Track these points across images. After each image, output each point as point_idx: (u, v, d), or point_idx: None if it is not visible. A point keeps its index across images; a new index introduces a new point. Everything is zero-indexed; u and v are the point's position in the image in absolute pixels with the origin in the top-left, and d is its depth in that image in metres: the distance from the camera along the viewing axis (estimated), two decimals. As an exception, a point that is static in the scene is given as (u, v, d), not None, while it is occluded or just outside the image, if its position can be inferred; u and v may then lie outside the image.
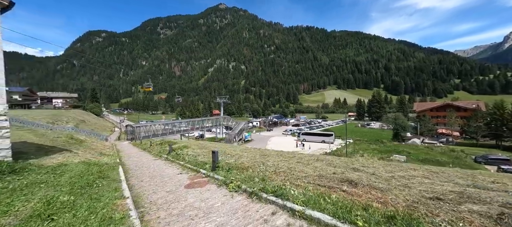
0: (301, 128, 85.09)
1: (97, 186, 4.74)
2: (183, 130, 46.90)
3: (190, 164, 7.58)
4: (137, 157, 11.69)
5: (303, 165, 6.89)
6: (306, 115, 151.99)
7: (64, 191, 4.04)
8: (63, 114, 59.16)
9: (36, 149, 9.61)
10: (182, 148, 11.53)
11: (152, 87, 54.07)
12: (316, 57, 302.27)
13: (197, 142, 17.08)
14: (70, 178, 5.12)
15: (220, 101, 70.98)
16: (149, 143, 17.17)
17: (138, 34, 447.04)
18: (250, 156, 8.70)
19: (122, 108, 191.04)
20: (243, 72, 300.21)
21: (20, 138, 14.10)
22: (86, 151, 11.43)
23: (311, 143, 52.78)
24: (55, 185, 4.45)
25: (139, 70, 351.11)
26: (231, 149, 11.93)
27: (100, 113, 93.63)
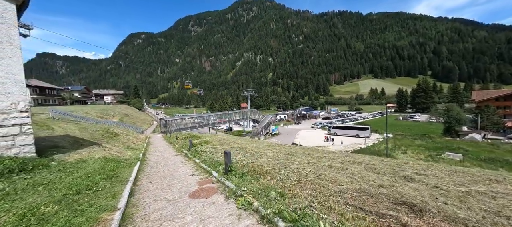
0: (331, 121, 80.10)
1: (97, 190, 4.30)
2: (211, 123, 48.12)
3: (204, 164, 6.89)
4: (160, 152, 11.69)
5: (335, 170, 5.54)
6: (338, 107, 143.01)
7: (56, 196, 3.64)
8: (111, 109, 66.35)
9: (71, 143, 10.19)
10: (202, 143, 11.09)
11: (191, 84, 58.76)
12: (350, 44, 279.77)
13: (221, 136, 16.71)
14: (76, 179, 4.84)
15: (247, 95, 70.97)
16: (175, 136, 17.45)
17: (172, 33, 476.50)
18: (272, 155, 7.62)
19: (160, 103, 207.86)
20: (271, 65, 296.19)
21: (65, 131, 15.56)
22: (115, 145, 11.90)
23: (344, 137, 49.01)
24: (53, 188, 4.14)
25: (174, 68, 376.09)
26: (253, 145, 11.02)
27: (141, 108, 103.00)
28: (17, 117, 5.93)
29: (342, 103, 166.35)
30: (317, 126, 71.88)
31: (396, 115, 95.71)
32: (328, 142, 44.75)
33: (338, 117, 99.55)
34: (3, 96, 5.73)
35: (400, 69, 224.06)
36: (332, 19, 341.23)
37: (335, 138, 47.87)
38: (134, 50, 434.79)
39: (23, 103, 6.07)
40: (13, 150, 5.89)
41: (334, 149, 39.70)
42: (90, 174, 5.35)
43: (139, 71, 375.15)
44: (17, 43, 5.92)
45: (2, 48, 5.69)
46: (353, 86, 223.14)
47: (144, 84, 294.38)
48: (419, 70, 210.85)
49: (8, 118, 5.80)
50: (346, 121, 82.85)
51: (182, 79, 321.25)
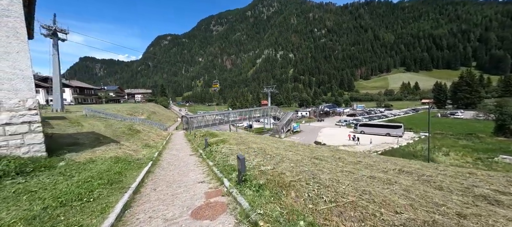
0: (358, 118, 74.94)
1: (88, 200, 3.65)
2: (232, 120, 48.00)
3: (217, 167, 6.02)
4: (177, 150, 11.25)
5: (381, 183, 4.20)
6: (364, 103, 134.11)
7: (33, 211, 3.04)
8: (140, 107, 70.34)
9: (91, 140, 10.22)
10: (219, 142, 10.33)
11: (218, 84, 60.63)
12: (378, 36, 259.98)
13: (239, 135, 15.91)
14: (72, 185, 4.31)
15: (267, 91, 69.72)
16: (194, 134, 17.15)
17: (195, 33, 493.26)
18: (295, 159, 6.46)
19: (184, 101, 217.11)
20: (291, 61, 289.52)
21: (92, 128, 16.16)
22: (133, 143, 11.80)
23: (372, 136, 45.21)
24: (38, 198, 3.59)
25: (197, 67, 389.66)
26: (273, 145, 9.92)
27: (167, 105, 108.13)
28: (25, 115, 5.71)
29: (369, 99, 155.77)
30: (342, 123, 67.82)
31: (433, 112, 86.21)
32: (354, 141, 41.49)
33: (364, 114, 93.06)
34: (11, 93, 5.51)
35: (438, 61, 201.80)
36: (358, 10, 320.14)
37: (361, 136, 44.31)
38: (161, 52, 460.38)
39: (31, 100, 5.82)
40: (22, 148, 5.68)
41: (362, 148, 36.66)
42: (91, 178, 4.81)
43: (166, 71, 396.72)
44: (24, 37, 5.65)
45: (9, 42, 5.45)
46: (382, 80, 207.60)
47: (170, 83, 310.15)
48: (461, 61, 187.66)
49: (17, 116, 5.58)
50: (374, 118, 76.91)
51: (204, 78, 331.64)
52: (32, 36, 9.49)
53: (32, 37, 9.55)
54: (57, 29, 29.20)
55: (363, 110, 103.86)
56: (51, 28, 28.76)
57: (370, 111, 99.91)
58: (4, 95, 5.43)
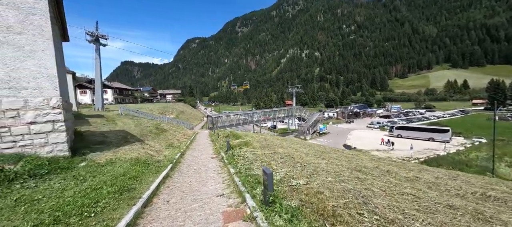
0: (393, 120, 68.16)
1: (89, 215, 3.13)
2: (256, 120, 47.47)
3: (239, 177, 5.20)
4: (199, 151, 10.84)
5: (471, 218, 2.87)
6: (400, 103, 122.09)
7: None
8: (170, 106, 74.33)
9: (119, 139, 10.39)
10: (242, 145, 9.58)
11: (248, 85, 61.57)
12: (417, 29, 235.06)
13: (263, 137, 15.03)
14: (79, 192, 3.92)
15: (292, 91, 67.66)
16: (217, 135, 16.82)
17: (221, 36, 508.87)
18: (332, 171, 5.31)
19: (210, 101, 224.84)
20: (317, 60, 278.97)
21: (124, 126, 16.91)
22: (158, 142, 11.79)
23: (413, 140, 40.45)
24: (36, 210, 3.20)
25: (222, 68, 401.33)
26: (301, 150, 8.79)
27: (195, 105, 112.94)
28: (49, 113, 5.68)
29: (406, 99, 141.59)
30: (374, 125, 62.43)
31: (487, 114, 74.09)
32: (387, 145, 37.43)
33: (401, 116, 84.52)
34: (36, 92, 5.50)
35: (493, 54, 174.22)
36: (393, 2, 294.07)
37: (397, 140, 39.86)
38: (190, 54, 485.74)
39: (56, 99, 5.76)
40: (46, 148, 5.66)
41: (400, 155, 32.87)
42: (103, 184, 4.41)
43: (194, 73, 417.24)
44: (49, 35, 5.61)
45: (34, 41, 5.44)
46: (421, 79, 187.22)
47: (197, 84, 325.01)
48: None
49: (41, 115, 5.56)
50: (413, 121, 69.30)
51: (229, 78, 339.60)
52: (67, 39, 9.98)
53: (68, 40, 10.04)
54: (99, 35, 31.93)
55: (399, 112, 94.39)
56: (94, 35, 31.55)
57: (407, 113, 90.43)
58: (30, 94, 5.44)
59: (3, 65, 5.09)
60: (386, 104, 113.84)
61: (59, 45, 7.99)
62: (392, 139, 40.06)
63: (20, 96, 5.32)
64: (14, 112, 5.25)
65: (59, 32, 8.62)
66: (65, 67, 9.67)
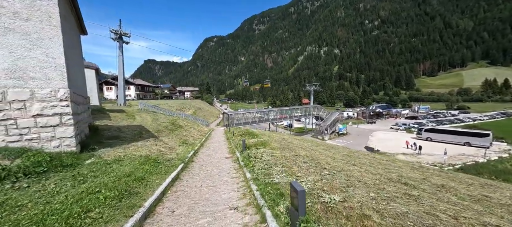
0: (421, 122, 62.96)
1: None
2: (272, 119, 46.50)
3: (256, 184, 4.40)
4: (213, 150, 10.26)
5: None
6: (428, 104, 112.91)
7: None
8: (188, 103, 75.98)
9: (133, 135, 10.17)
10: (258, 145, 8.78)
11: (269, 83, 61.59)
12: (449, 23, 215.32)
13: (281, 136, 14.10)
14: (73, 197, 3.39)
15: (309, 89, 65.42)
16: (232, 133, 16.22)
17: (238, 34, 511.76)
18: (371, 182, 4.28)
19: (226, 99, 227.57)
20: (337, 57, 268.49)
21: (142, 121, 17.01)
22: (172, 139, 11.44)
23: (443, 144, 36.89)
24: (14, 220, 2.62)
25: (239, 66, 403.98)
26: (325, 153, 7.74)
27: (211, 102, 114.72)
28: (56, 106, 5.34)
29: (435, 99, 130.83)
30: (399, 127, 58.20)
31: (536, 117, 65.67)
32: (414, 148, 34.33)
33: (429, 117, 77.94)
34: (43, 83, 5.18)
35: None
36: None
37: (425, 144, 36.51)
38: (208, 52, 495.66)
39: (63, 90, 5.41)
40: (53, 142, 5.35)
41: (430, 160, 29.94)
42: (104, 186, 3.88)
43: (211, 71, 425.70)
44: (57, 22, 5.25)
45: (42, 28, 5.10)
46: (454, 77, 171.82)
47: (214, 82, 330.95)
48: None
49: (48, 107, 5.24)
50: (444, 123, 63.58)
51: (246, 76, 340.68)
52: (85, 32, 9.91)
53: (86, 33, 9.97)
54: (122, 32, 33.01)
55: (428, 113, 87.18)
56: (117, 32, 32.68)
57: (437, 114, 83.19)
58: (36, 85, 5.14)
59: (10, 53, 4.82)
60: (413, 104, 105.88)
61: (73, 37, 7.80)
62: (419, 142, 36.78)
63: (26, 87, 5.04)
64: (20, 104, 4.98)
65: (76, 24, 8.48)
66: (82, 60, 9.59)
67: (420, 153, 33.20)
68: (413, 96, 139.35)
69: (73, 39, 7.61)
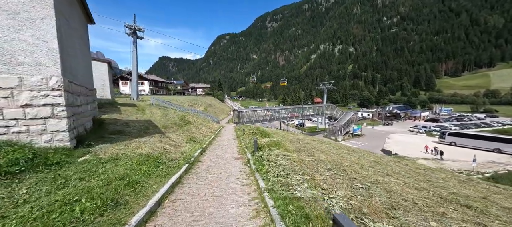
0: (443, 125, 58.96)
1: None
2: (283, 117, 45.33)
3: (273, 198, 3.50)
4: (222, 148, 9.50)
5: None
6: (451, 106, 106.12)
7: None
8: (199, 100, 76.30)
9: (138, 130, 9.65)
10: (272, 145, 7.87)
11: (286, 82, 60.89)
12: (477, 20, 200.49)
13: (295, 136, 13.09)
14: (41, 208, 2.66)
15: (323, 88, 63.19)
16: (243, 131, 15.43)
17: (250, 31, 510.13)
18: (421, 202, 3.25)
19: (238, 96, 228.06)
20: (351, 55, 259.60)
21: (151, 116, 16.70)
22: (179, 135, 10.83)
23: (471, 150, 34.05)
24: None
25: (251, 63, 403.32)
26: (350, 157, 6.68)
27: (223, 99, 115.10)
28: (48, 95, 4.76)
29: (459, 101, 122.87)
30: (419, 129, 54.88)
31: None
32: (434, 153, 31.79)
33: (453, 120, 73.00)
34: (33, 69, 4.60)
35: None
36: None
37: (448, 149, 33.86)
38: (220, 50, 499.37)
39: (56, 78, 4.82)
40: (43, 136, 4.78)
41: (455, 166, 27.55)
42: (86, 192, 3.17)
43: (223, 68, 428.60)
44: (49, 1, 4.63)
45: (32, 6, 4.50)
46: (480, 78, 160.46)
47: (226, 79, 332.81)
48: None
49: (38, 96, 4.67)
50: (470, 127, 59.12)
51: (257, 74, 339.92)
52: (92, 21, 9.47)
53: (93, 22, 9.54)
54: (136, 27, 33.21)
55: (450, 115, 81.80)
56: (131, 27, 32.90)
57: (461, 117, 77.83)
58: (26, 71, 4.57)
59: (-4, 35, 4.27)
60: (434, 106, 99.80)
61: (76, 24, 7.28)
62: (441, 147, 34.16)
63: (14, 73, 4.48)
64: (7, 92, 4.43)
65: (81, 11, 8.00)
66: (88, 50, 9.15)
67: (442, 159, 30.68)
68: (433, 98, 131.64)
69: (76, 26, 7.09)
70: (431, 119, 74.99)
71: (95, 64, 18.33)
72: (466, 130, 48.84)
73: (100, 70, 18.88)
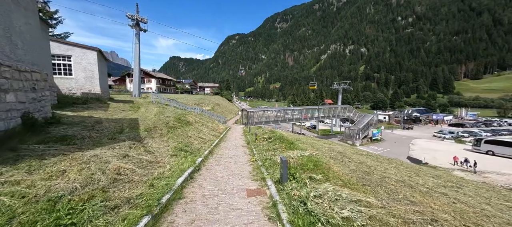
0: (471, 131, 53.28)
1: None
2: (295, 118, 41.79)
3: None
4: (225, 167, 6.31)
5: None
6: (473, 110, 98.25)
7: None
8: (207, 99, 73.85)
9: (108, 133, 6.66)
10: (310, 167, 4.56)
11: (316, 85, 58.22)
12: (500, 19, 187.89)
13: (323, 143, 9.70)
14: None
15: (338, 88, 58.95)
16: (254, 136, 12.18)
17: (260, 32, 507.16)
18: None
19: (246, 96, 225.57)
20: (363, 56, 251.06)
21: (143, 114, 13.90)
22: (166, 142, 7.73)
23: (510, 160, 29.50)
24: None
25: (259, 64, 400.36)
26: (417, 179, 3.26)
27: (231, 99, 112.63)
28: None
29: (482, 105, 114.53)
30: (445, 135, 49.76)
31: None
32: (467, 166, 27.21)
33: (480, 125, 66.67)
34: None
35: None
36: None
37: (482, 158, 29.38)
38: (229, 50, 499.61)
39: None
40: None
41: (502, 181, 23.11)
42: None
43: (232, 68, 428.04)
44: None
45: None
46: (503, 81, 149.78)
47: (235, 79, 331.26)
48: None
49: None
50: (502, 133, 53.17)
51: (266, 75, 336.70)
52: None
53: None
54: (139, 18, 30.70)
55: (477, 120, 74.94)
56: (134, 18, 30.40)
57: (489, 122, 71.02)
58: None
59: None
60: (458, 110, 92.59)
61: None
62: (474, 156, 29.70)
63: None
64: None
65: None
66: (38, 26, 6.19)
67: (476, 171, 26.08)
68: (453, 101, 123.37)
69: None
70: (455, 123, 68.90)
71: (80, 52, 15.61)
72: (508, 137, 43.31)
73: (86, 59, 16.19)
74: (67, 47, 15.51)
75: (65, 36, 24.35)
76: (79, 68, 15.69)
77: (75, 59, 15.58)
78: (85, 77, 16.00)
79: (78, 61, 15.61)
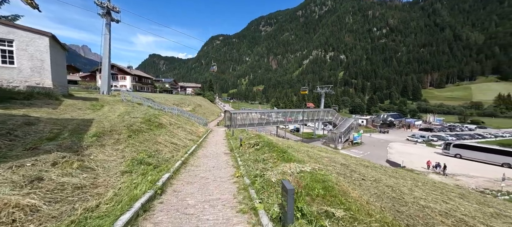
0: (439, 135, 57.41)
1: None
2: (278, 121, 40.94)
3: None
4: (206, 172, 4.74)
5: None
6: (439, 116, 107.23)
7: None
8: (188, 99, 70.15)
9: (31, 141, 4.65)
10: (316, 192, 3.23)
11: (307, 90, 57.52)
12: (459, 35, 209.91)
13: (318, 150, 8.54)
14: None
15: (320, 92, 59.68)
16: (239, 141, 10.64)
17: (244, 34, 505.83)
18: None
19: (229, 98, 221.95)
20: (342, 63, 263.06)
21: (102, 115, 11.54)
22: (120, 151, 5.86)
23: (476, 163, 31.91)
24: None
25: (243, 65, 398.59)
26: None
27: (213, 100, 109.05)
28: None
29: (445, 111, 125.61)
30: (417, 139, 52.83)
31: None
32: (438, 170, 28.73)
33: (446, 130, 72.49)
34: None
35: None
36: (433, 5, 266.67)
37: (451, 161, 31.41)
38: (213, 51, 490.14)
39: None
40: None
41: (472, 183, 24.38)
42: None
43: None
44: None
45: None
46: (462, 90, 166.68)
47: (218, 80, 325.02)
48: None
49: None
50: (465, 137, 58.07)
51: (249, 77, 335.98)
52: None
53: None
54: (109, 6, 27.38)
55: (442, 125, 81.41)
56: (104, 6, 27.05)
57: (453, 127, 77.59)
58: None
59: None
60: (427, 116, 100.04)
61: None
62: (445, 159, 31.69)
63: None
64: None
65: None
66: None
67: (446, 174, 27.53)
68: (422, 107, 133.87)
69: None
70: (425, 128, 73.97)
71: (26, 36, 12.45)
72: (473, 142, 46.87)
73: (35, 46, 13.28)
74: (8, 29, 12.49)
75: (13, 19, 20.43)
76: (24, 56, 12.63)
77: (19, 44, 12.53)
78: (32, 67, 13.01)
79: (22, 48, 12.56)
